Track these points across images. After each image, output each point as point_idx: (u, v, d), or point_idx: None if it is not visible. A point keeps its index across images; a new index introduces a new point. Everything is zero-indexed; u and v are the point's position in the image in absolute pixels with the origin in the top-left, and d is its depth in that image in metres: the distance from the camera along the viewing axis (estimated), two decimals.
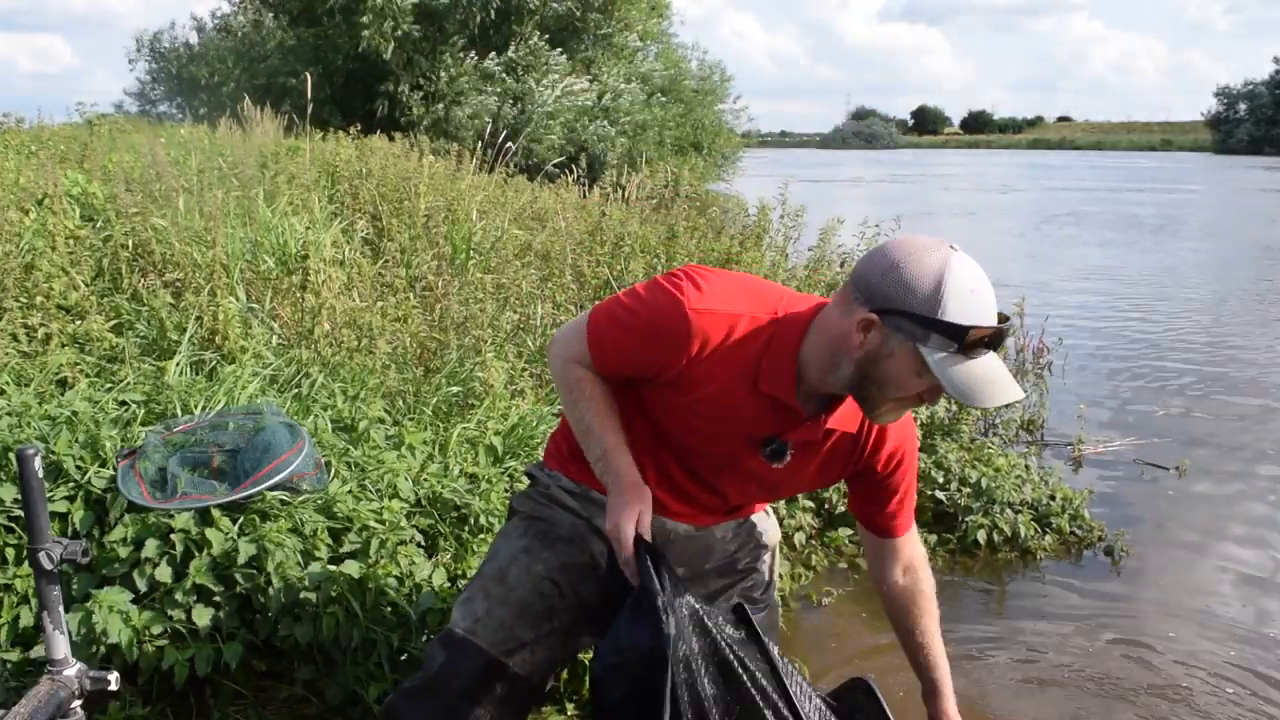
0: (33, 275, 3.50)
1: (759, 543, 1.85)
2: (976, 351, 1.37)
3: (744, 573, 1.84)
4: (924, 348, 1.37)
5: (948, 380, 1.37)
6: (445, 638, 1.67)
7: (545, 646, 1.68)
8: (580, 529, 1.72)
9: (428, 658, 1.69)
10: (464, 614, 1.67)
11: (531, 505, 1.77)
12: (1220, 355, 7.01)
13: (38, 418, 2.47)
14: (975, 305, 1.36)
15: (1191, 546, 3.74)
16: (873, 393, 1.46)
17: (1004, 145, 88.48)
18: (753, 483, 1.66)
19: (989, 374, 1.38)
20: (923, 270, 1.36)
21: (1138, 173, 36.96)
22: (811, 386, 1.51)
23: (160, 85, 21.15)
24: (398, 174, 6.58)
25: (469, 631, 1.64)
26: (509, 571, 1.70)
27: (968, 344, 1.35)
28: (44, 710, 1.35)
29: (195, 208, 4.43)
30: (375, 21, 15.55)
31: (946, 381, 1.37)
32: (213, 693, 2.22)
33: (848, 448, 1.62)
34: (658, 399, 1.59)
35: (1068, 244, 14.17)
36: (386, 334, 3.59)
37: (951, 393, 1.37)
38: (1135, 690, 2.70)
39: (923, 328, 1.36)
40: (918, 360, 1.38)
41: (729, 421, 1.56)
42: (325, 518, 2.34)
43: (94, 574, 2.15)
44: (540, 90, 16.39)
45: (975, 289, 1.36)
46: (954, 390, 1.37)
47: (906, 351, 1.39)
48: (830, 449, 1.60)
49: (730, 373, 1.51)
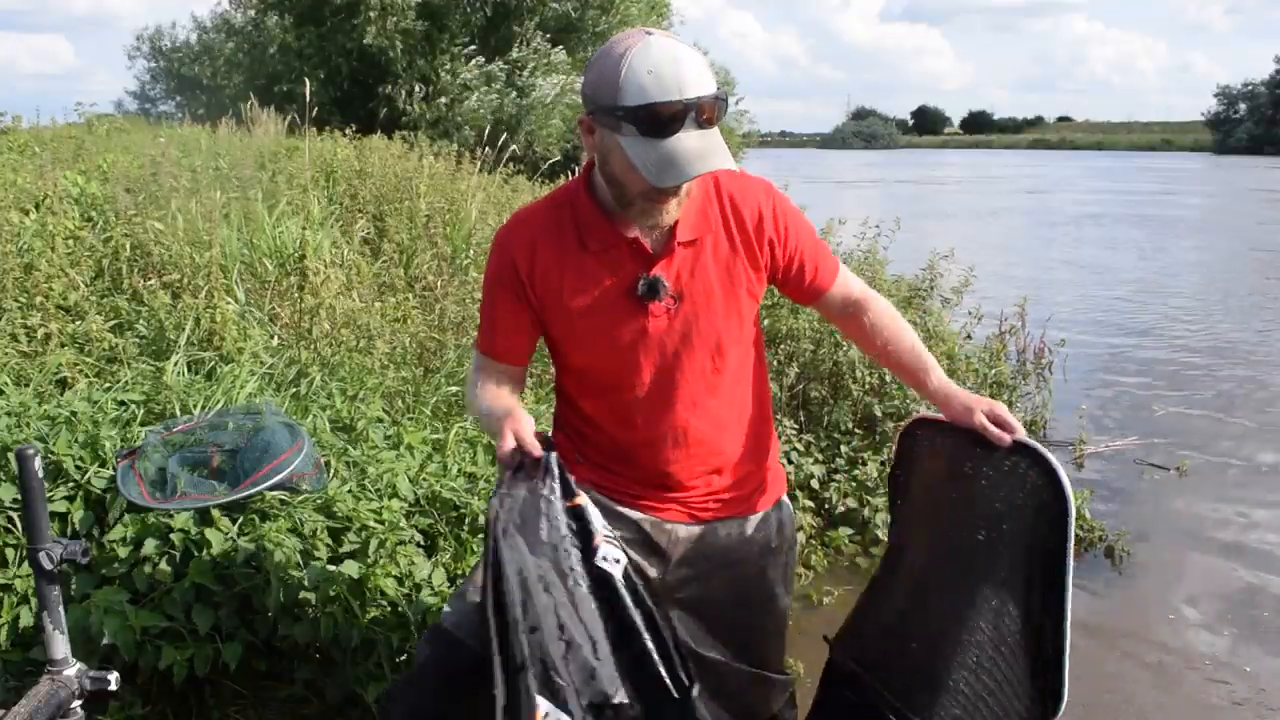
0: (32, 276, 3.50)
1: (767, 543, 1.76)
2: (667, 130, 1.36)
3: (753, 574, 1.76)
4: (620, 137, 1.39)
5: (639, 163, 1.38)
6: (433, 632, 1.65)
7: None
8: None
9: (418, 653, 1.67)
10: (453, 608, 1.65)
11: None
12: (1221, 355, 7.01)
13: (37, 418, 2.47)
14: (653, 84, 1.35)
15: (1192, 546, 3.74)
16: (620, 194, 1.48)
17: (1004, 145, 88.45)
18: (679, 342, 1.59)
19: (682, 152, 1.37)
20: (608, 62, 1.39)
21: (1174, 175, 36.90)
22: (622, 216, 1.53)
23: (160, 83, 21.16)
24: (398, 174, 6.58)
25: (455, 625, 1.61)
26: None
27: (651, 124, 1.36)
28: (44, 710, 1.35)
29: (194, 209, 4.43)
30: (378, 19, 15.54)
31: (639, 164, 1.38)
32: (212, 693, 2.22)
33: (722, 244, 1.58)
34: (560, 335, 1.61)
35: (1069, 245, 14.17)
36: (385, 334, 3.59)
37: (645, 176, 1.38)
38: (1135, 690, 2.70)
39: (612, 116, 1.39)
40: (622, 150, 1.40)
41: (600, 298, 1.55)
42: (325, 517, 2.34)
43: (93, 574, 2.15)
44: (541, 85, 16.40)
45: (655, 69, 1.35)
46: (645, 173, 1.38)
47: (614, 144, 1.41)
48: (703, 257, 1.56)
49: (558, 250, 1.55)
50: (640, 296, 1.55)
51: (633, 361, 1.59)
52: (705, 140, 1.39)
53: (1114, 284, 10.33)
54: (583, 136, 1.49)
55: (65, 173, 5.32)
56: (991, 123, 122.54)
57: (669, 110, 1.36)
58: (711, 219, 1.58)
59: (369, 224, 5.48)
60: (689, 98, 1.36)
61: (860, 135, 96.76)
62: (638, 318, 1.56)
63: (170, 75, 21.19)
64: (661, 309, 1.56)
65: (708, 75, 1.40)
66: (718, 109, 1.40)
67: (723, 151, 1.40)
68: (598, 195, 1.55)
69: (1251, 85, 70.82)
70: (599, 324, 1.57)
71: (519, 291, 1.58)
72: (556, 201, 1.60)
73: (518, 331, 1.63)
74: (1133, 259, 12.45)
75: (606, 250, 1.54)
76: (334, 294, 3.74)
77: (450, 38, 16.66)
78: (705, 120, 1.39)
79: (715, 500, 1.70)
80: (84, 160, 6.50)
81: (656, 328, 1.57)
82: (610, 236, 1.54)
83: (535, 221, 1.59)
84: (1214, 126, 72.32)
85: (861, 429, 3.86)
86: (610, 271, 1.55)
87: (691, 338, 1.59)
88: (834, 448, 3.76)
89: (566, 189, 1.61)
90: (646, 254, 1.54)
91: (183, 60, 20.27)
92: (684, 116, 1.36)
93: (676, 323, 1.57)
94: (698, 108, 1.37)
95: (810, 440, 3.71)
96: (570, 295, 1.56)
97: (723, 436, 1.67)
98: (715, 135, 1.41)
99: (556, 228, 1.56)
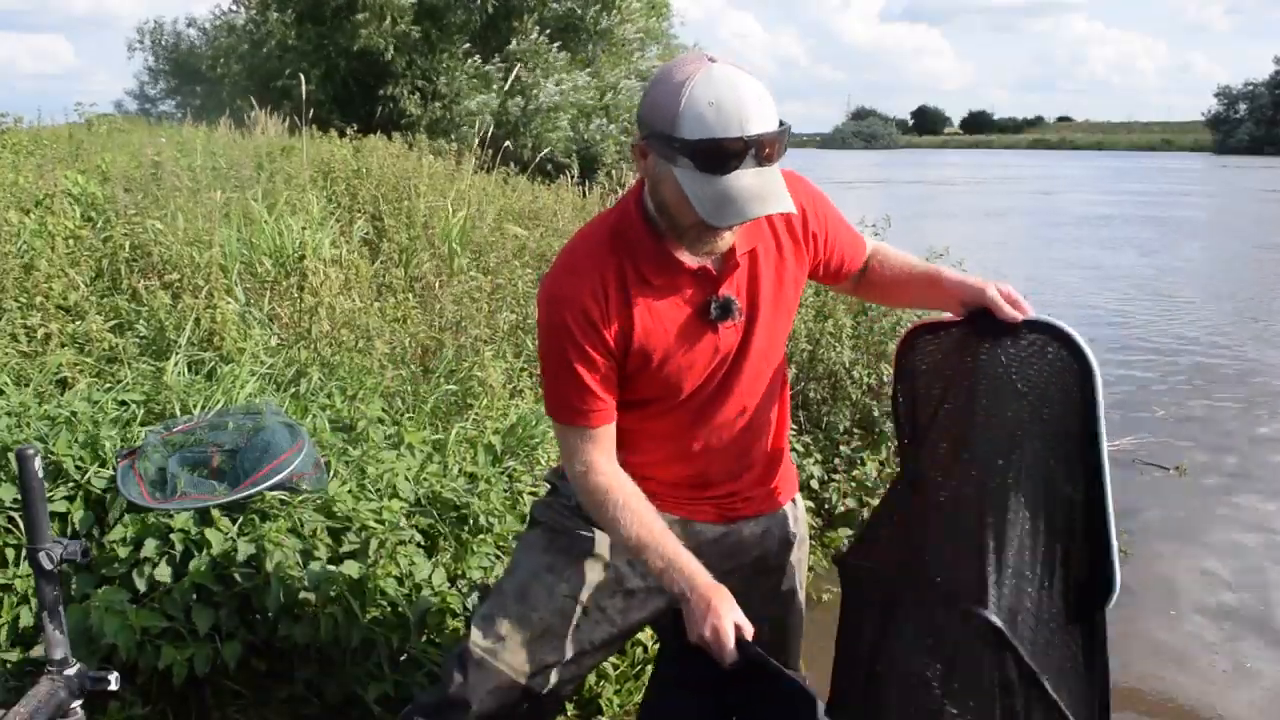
0: (32, 275, 3.50)
1: (786, 539, 1.77)
2: (726, 168, 1.29)
3: (773, 570, 1.76)
4: (675, 168, 1.33)
5: (695, 198, 1.31)
6: (463, 656, 1.59)
7: (569, 666, 1.63)
8: (604, 541, 1.65)
9: (445, 674, 1.63)
10: (483, 632, 1.60)
11: (553, 516, 1.69)
12: (1220, 355, 7.01)
13: (37, 418, 2.47)
14: (713, 118, 1.28)
15: (1191, 546, 3.74)
16: (672, 222, 1.42)
17: (1004, 145, 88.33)
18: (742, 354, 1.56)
19: (739, 190, 1.30)
20: (668, 88, 1.32)
21: (1175, 175, 36.86)
22: (677, 240, 1.46)
23: (160, 81, 21.15)
24: (397, 174, 6.58)
25: (488, 652, 1.58)
26: (530, 590, 1.62)
27: (710, 160, 1.29)
28: (44, 710, 1.35)
29: (193, 208, 4.43)
30: (373, 20, 15.52)
31: (694, 200, 1.31)
32: (212, 693, 2.22)
33: (771, 249, 1.55)
34: (631, 372, 1.52)
35: (1071, 244, 14.16)
36: (385, 334, 3.59)
37: (700, 213, 1.32)
38: (1134, 689, 2.71)
39: (669, 147, 1.32)
40: (676, 182, 1.33)
41: (673, 330, 1.49)
42: (324, 517, 2.34)
43: (93, 574, 2.15)
44: (545, 86, 16.36)
45: (716, 101, 1.28)
46: (700, 209, 1.32)
47: (669, 174, 1.34)
48: (758, 265, 1.53)
49: (620, 288, 1.45)
50: (713, 319, 1.50)
51: (702, 380, 1.56)
52: (763, 179, 1.32)
53: (1114, 283, 10.33)
54: (635, 160, 1.42)
55: (65, 172, 5.31)
56: (991, 123, 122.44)
57: (731, 148, 1.29)
58: (761, 227, 1.53)
59: (368, 224, 5.48)
60: (750, 134, 1.29)
61: (860, 135, 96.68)
62: (710, 340, 1.52)
63: (170, 72, 21.15)
64: (731, 325, 1.52)
65: (771, 109, 1.33)
66: (779, 145, 1.33)
67: (782, 192, 1.34)
68: (654, 225, 1.47)
69: (1252, 85, 70.76)
70: (674, 356, 1.51)
71: (597, 340, 1.46)
72: (610, 239, 1.48)
73: (608, 386, 1.50)
74: (1133, 258, 12.45)
75: (672, 284, 1.48)
76: (334, 294, 3.74)
77: (449, 37, 16.64)
78: (766, 157, 1.32)
79: (743, 499, 1.69)
80: (84, 160, 6.50)
81: (726, 345, 1.54)
82: (674, 269, 1.47)
83: (597, 265, 1.47)
84: (1214, 126, 72.24)
85: (860, 429, 3.86)
86: (679, 302, 1.49)
87: (753, 347, 1.56)
88: (833, 448, 3.77)
89: (614, 218, 1.51)
90: (711, 276, 1.49)
91: (183, 56, 20.26)
92: (744, 154, 1.29)
93: (741, 335, 1.55)
94: (759, 144, 1.30)
95: (809, 441, 3.71)
96: (642, 337, 1.48)
97: (760, 436, 1.66)
98: (774, 173, 1.35)
99: (616, 266, 1.47)
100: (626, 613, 1.65)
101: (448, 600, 2.29)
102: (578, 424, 1.50)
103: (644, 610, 1.67)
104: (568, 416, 1.51)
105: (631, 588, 1.65)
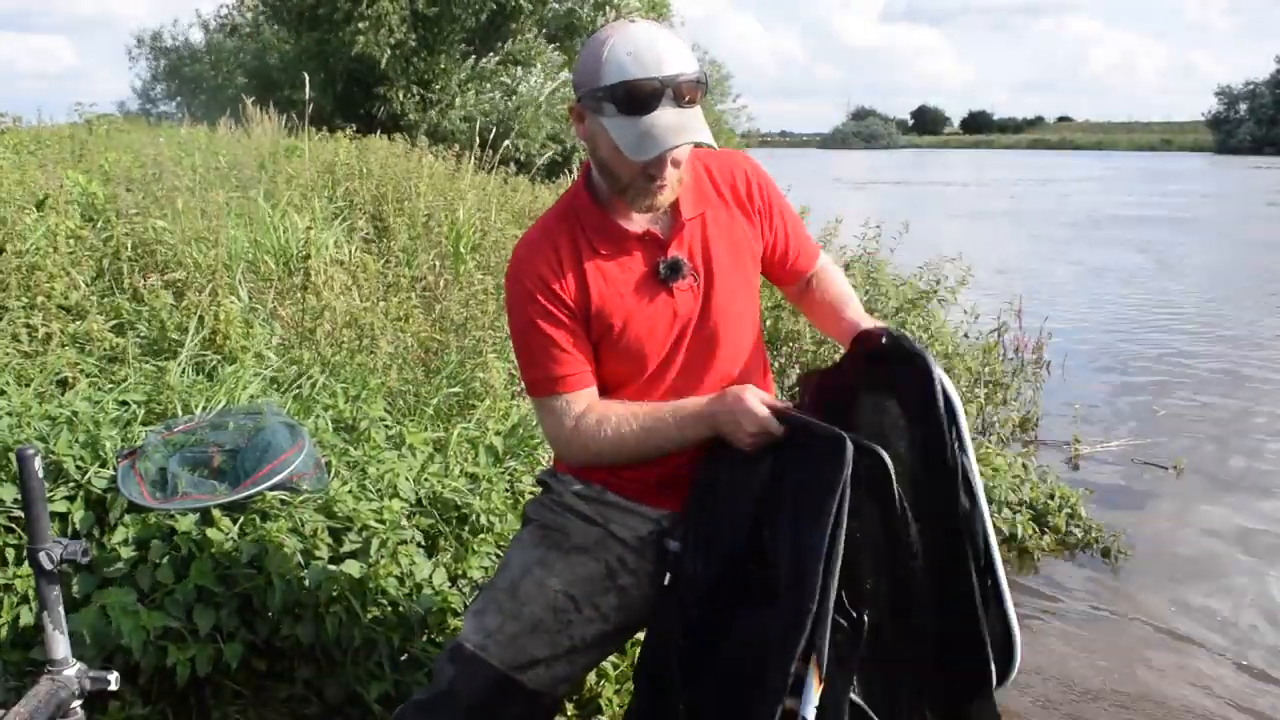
0: (34, 275, 3.50)
1: None
2: (646, 108, 1.39)
3: None
4: (603, 118, 1.42)
5: (620, 140, 1.41)
6: (455, 651, 1.60)
7: (560, 662, 1.62)
8: (595, 536, 1.66)
9: (437, 670, 1.63)
10: (475, 627, 1.60)
11: (544, 513, 1.70)
12: (1219, 354, 7.01)
13: (38, 418, 2.47)
14: (632, 63, 1.39)
15: (1189, 545, 3.74)
16: (614, 181, 1.49)
17: (1005, 145, 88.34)
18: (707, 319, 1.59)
19: (659, 126, 1.39)
20: (592, 47, 1.43)
21: (1177, 175, 36.86)
22: (626, 212, 1.55)
23: (161, 83, 21.16)
24: (398, 174, 6.58)
25: (479, 647, 1.58)
26: (521, 585, 1.63)
27: (630, 101, 1.39)
28: (44, 710, 1.35)
29: (196, 208, 4.43)
30: (370, 29, 15.55)
31: (619, 141, 1.41)
32: (213, 692, 2.22)
33: (721, 214, 1.62)
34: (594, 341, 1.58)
35: (1071, 244, 14.16)
36: (388, 334, 3.59)
37: (625, 151, 1.41)
38: (1133, 689, 2.70)
39: (594, 99, 1.42)
40: (605, 131, 1.42)
41: (627, 296, 1.56)
42: (325, 517, 2.34)
43: (94, 574, 2.15)
44: (532, 82, 16.42)
45: (634, 50, 1.40)
46: (625, 148, 1.40)
47: (599, 128, 1.44)
48: (709, 230, 1.60)
49: (575, 261, 1.54)
50: (663, 280, 1.56)
51: (666, 348, 1.60)
52: (683, 117, 1.41)
53: (1114, 283, 10.33)
54: (575, 126, 1.52)
55: (67, 172, 5.31)
56: (992, 123, 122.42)
57: (647, 87, 1.39)
58: (708, 194, 1.62)
59: (369, 224, 5.49)
60: (666, 75, 1.39)
61: (860, 135, 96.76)
62: (666, 303, 1.58)
63: (171, 74, 21.18)
64: (686, 287, 1.58)
65: (687, 56, 1.43)
66: (698, 90, 1.43)
67: (702, 126, 1.43)
68: (598, 196, 1.56)
69: (1252, 85, 70.74)
70: (632, 321, 1.57)
71: (560, 304, 1.54)
72: (560, 214, 1.59)
73: (580, 347, 1.56)
74: (1134, 257, 12.44)
75: (620, 250, 1.56)
76: (337, 294, 3.74)
77: (445, 39, 16.66)
78: (686, 101, 1.41)
79: None
80: (85, 160, 6.50)
81: (685, 308, 1.59)
82: (620, 235, 1.55)
83: (549, 238, 1.57)
84: (1215, 126, 72.24)
85: None
86: (629, 268, 1.56)
87: (716, 312, 1.61)
88: None
89: (567, 200, 1.61)
90: (658, 240, 1.57)
91: (183, 59, 20.27)
92: (661, 94, 1.39)
93: (700, 299, 1.59)
94: (675, 86, 1.40)
95: None
96: (599, 302, 1.55)
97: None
98: (695, 113, 1.43)
99: (569, 240, 1.56)
100: (619, 610, 1.65)
101: (448, 600, 2.29)
102: (557, 391, 1.57)
103: (637, 609, 1.67)
104: (547, 388, 1.57)
105: (624, 584, 1.65)
